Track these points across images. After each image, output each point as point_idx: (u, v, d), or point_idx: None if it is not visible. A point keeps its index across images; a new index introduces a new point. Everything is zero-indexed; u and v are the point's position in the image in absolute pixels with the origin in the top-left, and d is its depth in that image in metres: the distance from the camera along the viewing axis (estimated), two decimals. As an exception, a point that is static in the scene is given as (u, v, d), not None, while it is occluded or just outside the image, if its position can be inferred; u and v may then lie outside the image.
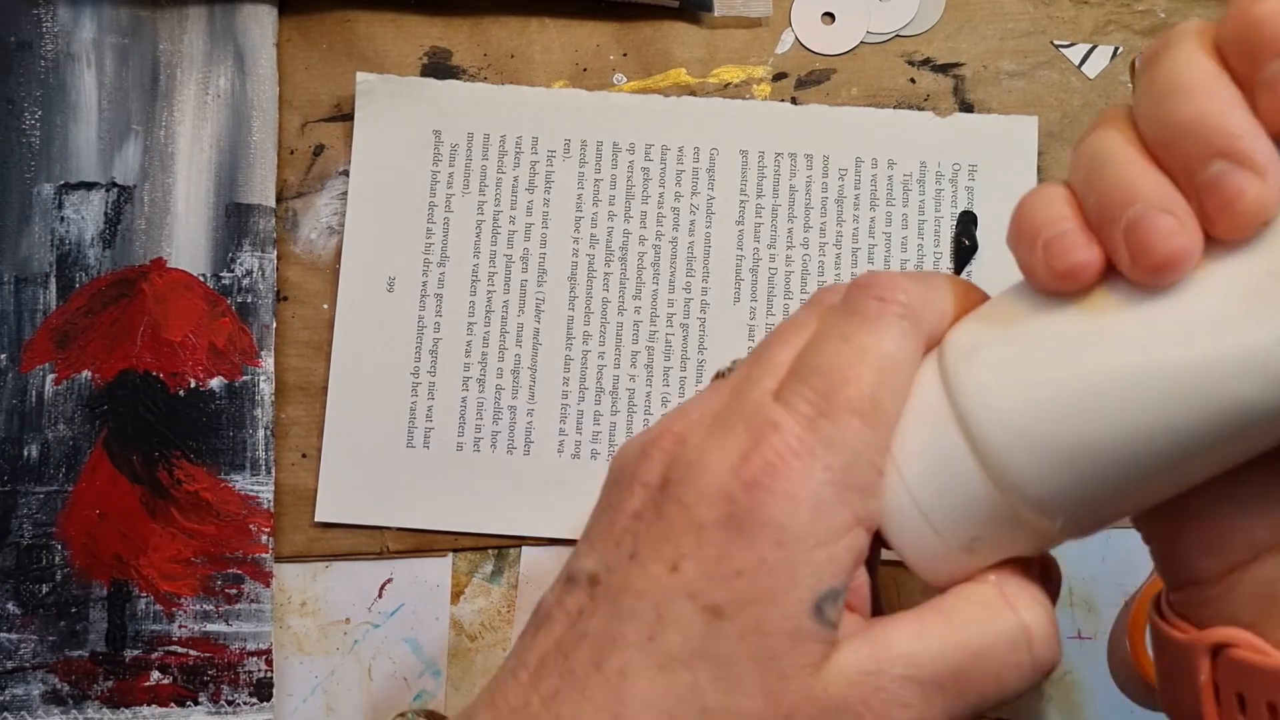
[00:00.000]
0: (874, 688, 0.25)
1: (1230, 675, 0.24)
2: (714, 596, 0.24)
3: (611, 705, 0.25)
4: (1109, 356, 0.24)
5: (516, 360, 0.42)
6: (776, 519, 0.24)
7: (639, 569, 0.25)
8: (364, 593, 0.41)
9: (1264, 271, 0.23)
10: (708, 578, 0.25)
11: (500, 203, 0.43)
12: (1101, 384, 0.23)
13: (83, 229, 0.42)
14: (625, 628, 0.25)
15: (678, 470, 0.26)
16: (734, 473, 0.25)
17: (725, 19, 0.44)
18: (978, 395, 0.25)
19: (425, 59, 0.44)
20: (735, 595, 0.24)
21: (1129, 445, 0.24)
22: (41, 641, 0.40)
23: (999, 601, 0.26)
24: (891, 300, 0.26)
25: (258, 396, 0.41)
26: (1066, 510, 0.25)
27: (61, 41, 0.43)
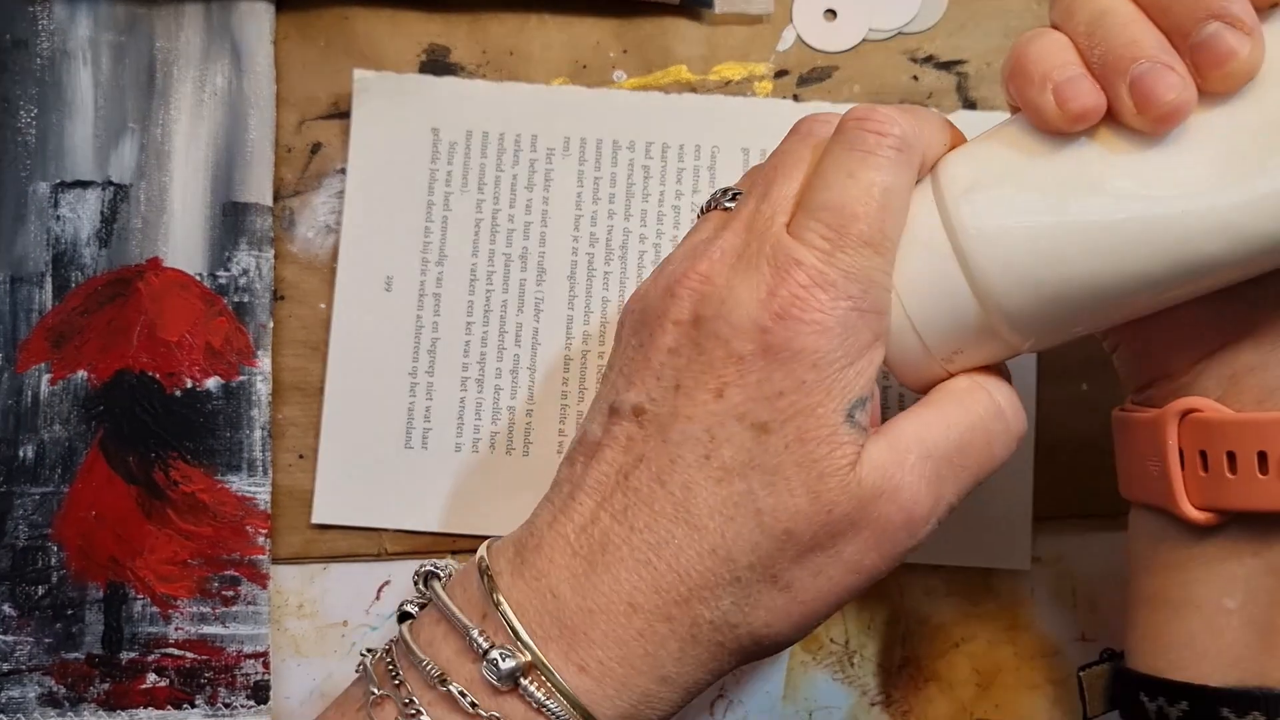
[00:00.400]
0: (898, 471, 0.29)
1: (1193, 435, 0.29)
2: (760, 415, 0.28)
3: (680, 514, 0.29)
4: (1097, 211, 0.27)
5: (516, 360, 0.42)
6: (810, 345, 0.28)
7: (685, 398, 0.29)
8: (362, 595, 0.41)
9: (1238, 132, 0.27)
10: (752, 400, 0.28)
11: (499, 201, 0.43)
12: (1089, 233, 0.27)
13: (78, 228, 0.42)
14: (682, 449, 0.29)
15: (709, 307, 0.29)
16: (764, 306, 0.28)
17: (726, 15, 0.44)
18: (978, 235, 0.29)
19: (423, 56, 0.43)
20: (779, 413, 0.28)
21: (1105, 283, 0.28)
22: (37, 644, 0.40)
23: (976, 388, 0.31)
24: (887, 134, 0.29)
25: (254, 397, 0.41)
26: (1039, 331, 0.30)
27: (57, 39, 0.43)
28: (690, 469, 0.29)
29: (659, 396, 0.29)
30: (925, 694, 0.41)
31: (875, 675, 0.41)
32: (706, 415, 0.29)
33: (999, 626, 0.41)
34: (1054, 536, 0.41)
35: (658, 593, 0.29)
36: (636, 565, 0.29)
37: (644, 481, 0.29)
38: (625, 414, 0.30)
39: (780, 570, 0.29)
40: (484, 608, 0.30)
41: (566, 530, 0.30)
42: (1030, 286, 0.29)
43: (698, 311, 0.29)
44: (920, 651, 0.41)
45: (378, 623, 0.41)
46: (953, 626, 0.41)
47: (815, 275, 0.28)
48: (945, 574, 0.41)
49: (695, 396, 0.29)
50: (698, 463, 0.29)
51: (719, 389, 0.29)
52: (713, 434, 0.29)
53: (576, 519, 0.30)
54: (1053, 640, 0.41)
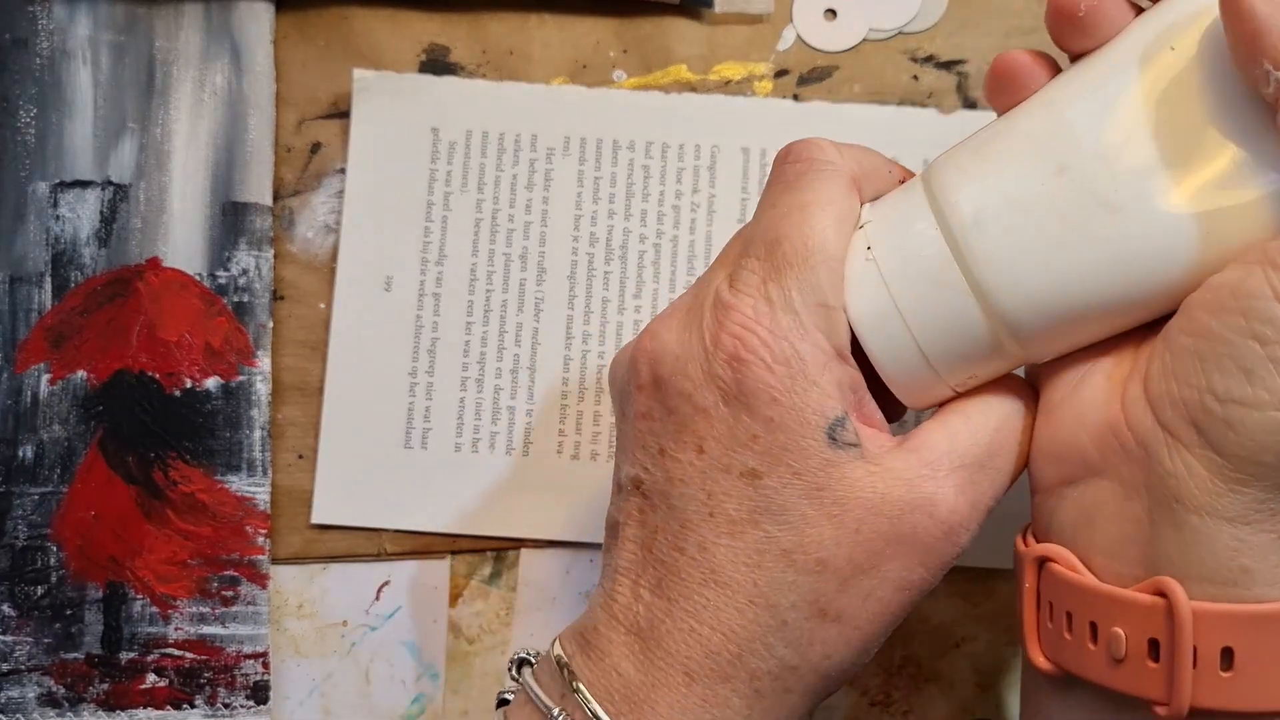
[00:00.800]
0: (930, 483, 0.29)
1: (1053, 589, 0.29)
2: (746, 463, 0.28)
3: (706, 576, 0.28)
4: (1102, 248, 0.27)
5: (515, 360, 0.42)
6: (763, 381, 0.28)
7: (671, 461, 0.29)
8: (361, 595, 0.41)
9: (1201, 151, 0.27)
10: (731, 451, 0.28)
11: (499, 201, 0.43)
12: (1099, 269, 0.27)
13: (78, 228, 0.42)
14: (686, 513, 0.29)
15: (664, 367, 0.29)
16: (712, 355, 0.28)
17: (726, 15, 0.44)
18: (994, 268, 0.28)
19: (423, 56, 0.43)
20: (761, 457, 0.28)
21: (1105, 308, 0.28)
22: (37, 644, 0.40)
23: (994, 394, 0.30)
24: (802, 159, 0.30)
25: (254, 397, 0.41)
26: (1053, 349, 0.30)
27: (57, 39, 0.43)
28: (700, 529, 0.29)
29: (649, 465, 0.30)
30: (925, 694, 0.41)
31: (875, 675, 0.41)
32: (696, 474, 0.29)
33: (999, 627, 0.41)
34: (1054, 537, 0.41)
35: (709, 657, 0.29)
36: (683, 635, 0.29)
37: (665, 552, 0.29)
38: (628, 489, 0.30)
39: (827, 603, 0.28)
40: (563, 689, 0.30)
41: (615, 611, 0.30)
42: (1048, 309, 0.28)
43: (656, 373, 0.29)
44: (920, 651, 0.41)
45: (377, 623, 0.41)
46: (953, 626, 0.41)
47: (752, 310, 0.28)
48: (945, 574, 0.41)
49: (679, 457, 0.29)
50: (705, 521, 0.29)
51: (698, 446, 0.29)
52: (709, 491, 0.29)
53: (620, 599, 0.30)
54: (1053, 641, 0.41)
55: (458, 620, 0.41)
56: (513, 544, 0.41)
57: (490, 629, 0.41)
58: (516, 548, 0.41)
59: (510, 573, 0.41)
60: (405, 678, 0.41)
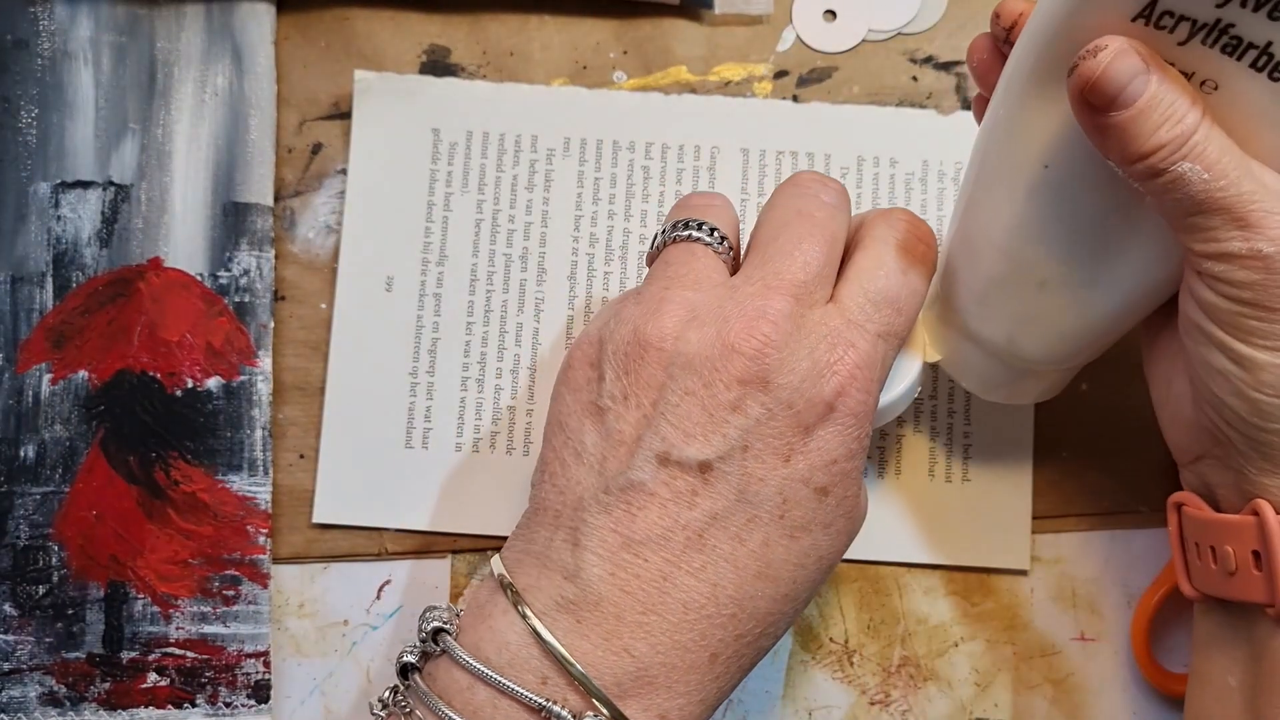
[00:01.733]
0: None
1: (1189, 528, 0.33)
2: (820, 480, 0.31)
3: (762, 569, 0.31)
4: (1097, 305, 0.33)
5: (516, 360, 0.42)
6: (858, 415, 0.31)
7: (755, 461, 0.31)
8: (362, 594, 0.41)
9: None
10: (815, 468, 0.31)
11: (499, 201, 0.43)
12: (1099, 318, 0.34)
13: (79, 228, 0.42)
14: (759, 510, 0.31)
15: (780, 375, 0.31)
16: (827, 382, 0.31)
17: (726, 16, 0.44)
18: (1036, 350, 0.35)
19: (424, 57, 0.44)
20: (834, 477, 0.31)
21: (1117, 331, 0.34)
22: (38, 643, 0.40)
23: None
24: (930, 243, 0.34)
25: (255, 397, 0.41)
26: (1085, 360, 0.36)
27: (58, 39, 0.43)
28: (767, 527, 0.31)
29: (726, 454, 0.30)
30: (925, 693, 0.41)
31: (875, 675, 0.41)
32: (778, 479, 0.31)
33: (998, 626, 0.41)
34: (1054, 536, 0.41)
35: (738, 639, 0.31)
36: (723, 620, 0.30)
37: (722, 540, 0.30)
38: (687, 467, 0.30)
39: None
40: (541, 671, 0.30)
41: (632, 588, 0.30)
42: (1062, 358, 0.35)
43: (766, 376, 0.31)
44: (920, 651, 0.41)
45: (378, 622, 0.41)
46: (952, 626, 0.41)
47: (866, 358, 0.31)
48: (945, 574, 0.41)
49: (766, 460, 0.31)
50: (773, 522, 0.31)
51: (787, 455, 0.31)
52: (784, 496, 0.31)
53: (644, 574, 0.30)
54: (1052, 640, 0.41)
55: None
56: (513, 543, 0.41)
57: (491, 628, 0.41)
58: (517, 547, 0.41)
59: (511, 572, 0.41)
60: (406, 677, 0.41)
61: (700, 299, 0.32)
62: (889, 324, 0.33)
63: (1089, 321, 0.34)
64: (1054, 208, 0.31)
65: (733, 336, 0.31)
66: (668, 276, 0.33)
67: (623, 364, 0.32)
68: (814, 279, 0.32)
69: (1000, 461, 0.41)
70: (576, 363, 0.33)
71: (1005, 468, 0.41)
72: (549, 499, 0.32)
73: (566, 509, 0.31)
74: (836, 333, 0.32)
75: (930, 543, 0.41)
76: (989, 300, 0.34)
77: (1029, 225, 0.32)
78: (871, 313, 0.32)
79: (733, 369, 0.30)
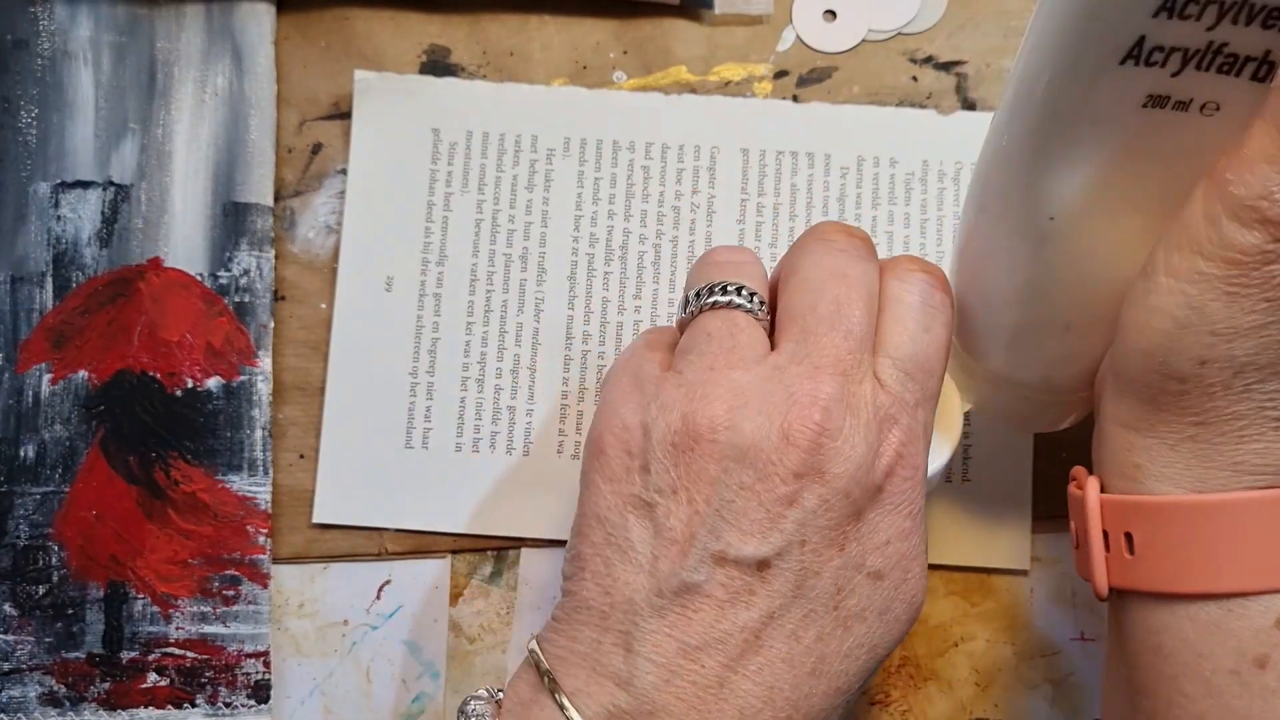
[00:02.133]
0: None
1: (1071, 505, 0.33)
2: (875, 564, 0.30)
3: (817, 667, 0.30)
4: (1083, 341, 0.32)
5: (516, 360, 0.42)
6: (910, 496, 0.31)
7: (813, 554, 0.30)
8: (362, 594, 0.41)
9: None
10: (868, 551, 0.30)
11: (499, 201, 0.43)
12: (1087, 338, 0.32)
13: (79, 228, 0.42)
14: (814, 604, 0.30)
15: (836, 464, 0.30)
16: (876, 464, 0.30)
17: (726, 16, 0.44)
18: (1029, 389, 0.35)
19: (424, 57, 0.44)
20: (888, 559, 0.31)
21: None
22: (38, 643, 0.40)
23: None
24: (948, 292, 0.33)
25: (255, 397, 0.41)
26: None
27: (58, 39, 0.43)
28: (821, 621, 0.30)
29: (784, 549, 0.29)
30: (925, 693, 0.41)
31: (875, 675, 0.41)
32: (833, 570, 0.30)
33: (998, 626, 0.41)
34: (1054, 536, 0.41)
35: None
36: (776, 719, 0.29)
37: (779, 639, 0.29)
38: (746, 566, 0.29)
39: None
40: None
41: (689, 695, 0.29)
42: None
43: (823, 468, 0.30)
44: (920, 651, 0.41)
45: (378, 622, 0.41)
46: (952, 626, 0.41)
47: (909, 432, 0.31)
48: (945, 574, 0.41)
49: (823, 553, 0.30)
50: (827, 613, 0.30)
51: (842, 544, 0.30)
52: (839, 586, 0.30)
53: (701, 680, 0.29)
54: (1052, 640, 0.41)
55: (458, 619, 0.41)
56: (513, 543, 0.41)
57: (491, 628, 0.41)
58: (517, 547, 0.41)
59: (511, 572, 0.41)
60: (406, 677, 0.41)
61: (748, 381, 0.30)
62: (924, 389, 0.32)
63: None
64: (1065, 256, 0.30)
65: (787, 427, 0.30)
66: (712, 353, 0.31)
67: (671, 455, 0.30)
68: (858, 347, 0.31)
69: (1000, 461, 0.41)
70: (611, 450, 0.31)
71: (1005, 468, 0.41)
72: (591, 597, 0.30)
73: (615, 610, 0.30)
74: (882, 410, 0.31)
75: (930, 543, 0.41)
76: (1017, 346, 0.33)
77: (1043, 275, 0.31)
78: (907, 383, 0.31)
79: (789, 462, 0.29)
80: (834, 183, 0.43)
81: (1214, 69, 0.26)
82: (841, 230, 0.33)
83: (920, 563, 0.31)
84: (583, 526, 0.31)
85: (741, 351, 0.31)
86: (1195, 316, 0.27)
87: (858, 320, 0.31)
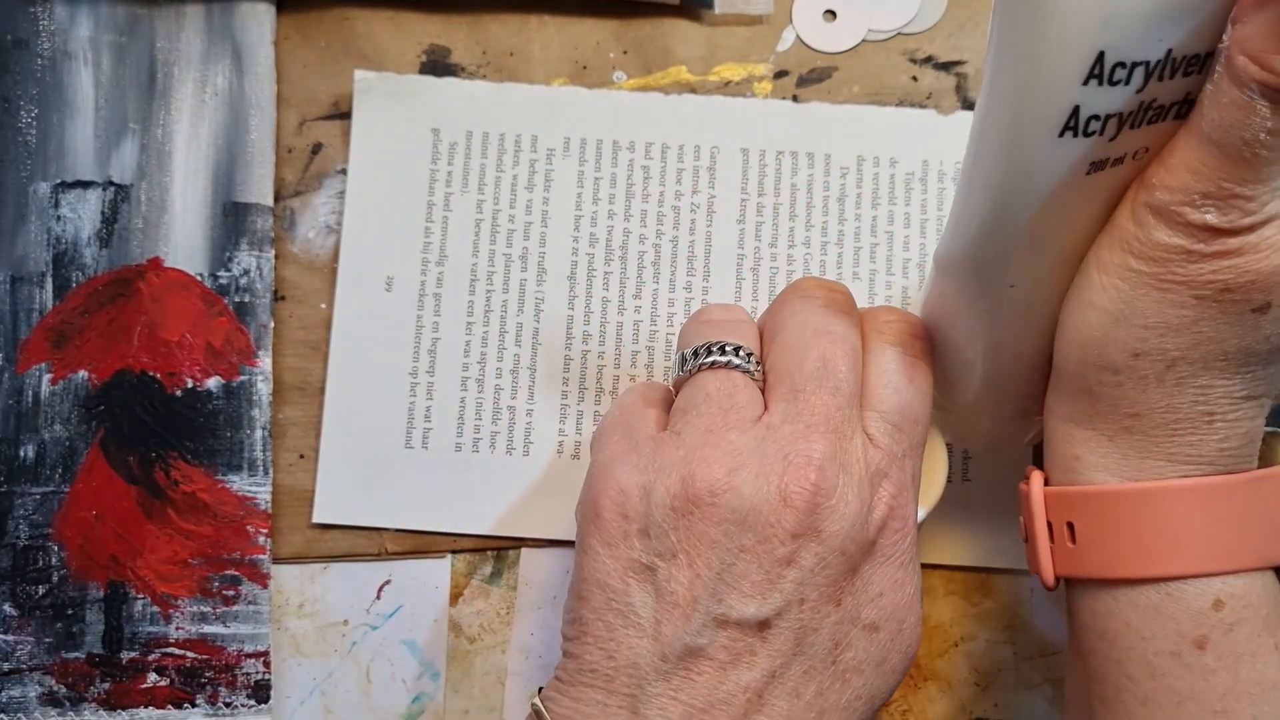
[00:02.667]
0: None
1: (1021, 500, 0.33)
2: (870, 617, 0.31)
3: (814, 718, 0.30)
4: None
5: (516, 360, 0.42)
6: (901, 548, 0.32)
7: (811, 611, 0.30)
8: (362, 594, 0.41)
9: None
10: (863, 605, 0.31)
11: (499, 201, 0.43)
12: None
13: (79, 228, 0.42)
14: (814, 660, 0.30)
15: (832, 522, 0.30)
16: (868, 520, 0.31)
17: (726, 16, 0.44)
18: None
19: (424, 57, 0.44)
20: (882, 611, 0.31)
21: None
22: (38, 643, 0.40)
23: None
24: (926, 339, 0.34)
25: (255, 397, 0.41)
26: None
27: (58, 39, 0.43)
28: (820, 676, 0.30)
29: (783, 609, 0.30)
30: (925, 693, 0.41)
31: None
32: (830, 624, 0.30)
33: (998, 626, 0.41)
34: (1053, 536, 0.41)
35: None
36: None
37: (780, 697, 0.30)
38: (747, 628, 0.30)
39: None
40: None
41: None
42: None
43: (819, 527, 0.30)
44: (920, 651, 0.41)
45: (378, 622, 0.41)
46: (952, 626, 0.41)
47: (900, 484, 0.32)
48: (945, 574, 0.41)
49: (821, 609, 0.30)
50: (826, 669, 0.30)
51: (838, 599, 0.31)
52: (836, 641, 0.31)
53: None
54: (1052, 640, 0.41)
55: (458, 619, 0.41)
56: (513, 543, 0.41)
57: (491, 628, 0.41)
58: (517, 547, 0.41)
59: (511, 572, 0.41)
60: (406, 677, 0.41)
61: (744, 442, 0.31)
62: (911, 439, 0.32)
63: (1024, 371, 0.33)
64: (1029, 314, 0.31)
65: (784, 488, 0.30)
66: (710, 414, 0.32)
67: (671, 519, 0.30)
68: (846, 403, 0.32)
69: (1000, 461, 0.41)
70: (608, 513, 0.31)
71: (1005, 468, 0.41)
72: (595, 661, 0.30)
73: (619, 674, 0.30)
74: (873, 466, 0.31)
75: (930, 543, 0.41)
76: (990, 388, 0.34)
77: (1010, 330, 0.32)
78: (896, 435, 0.32)
79: (786, 523, 0.30)
80: (834, 183, 0.43)
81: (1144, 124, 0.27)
82: (823, 286, 0.34)
83: (914, 612, 0.32)
84: (582, 590, 0.31)
85: (740, 412, 0.32)
86: (1128, 310, 0.28)
87: (844, 376, 0.32)
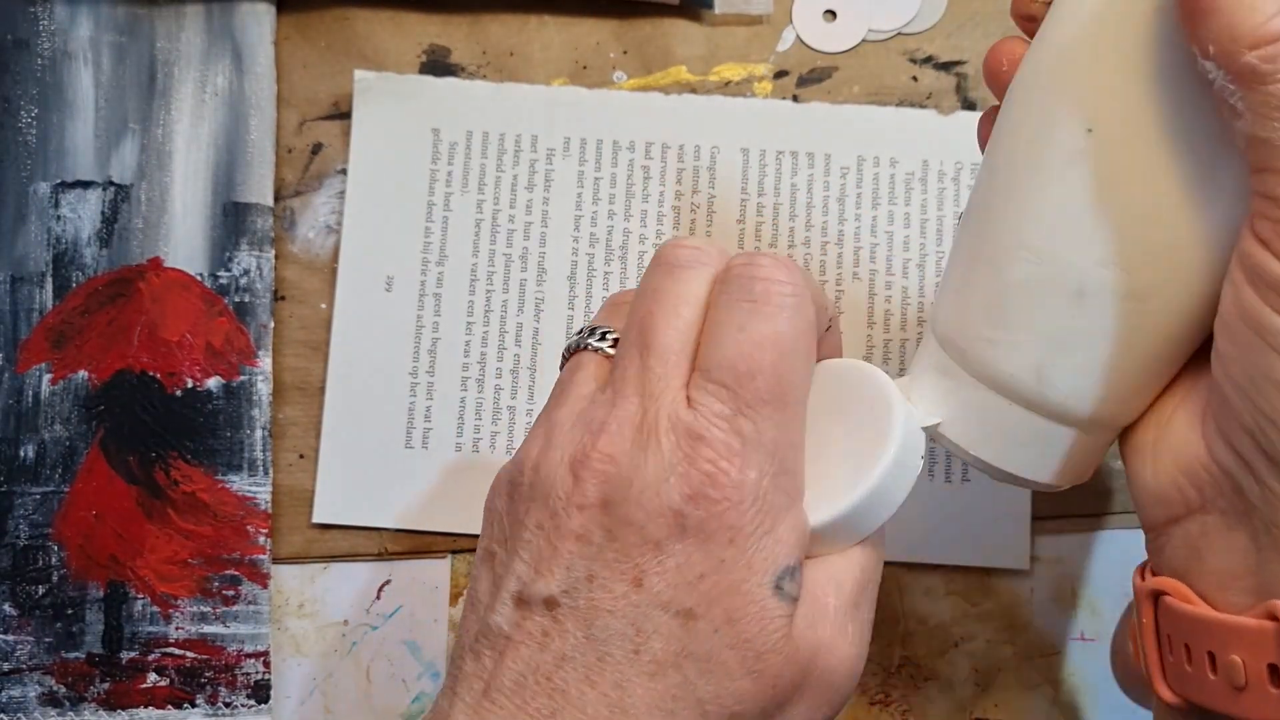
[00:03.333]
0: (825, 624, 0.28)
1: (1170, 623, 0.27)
2: (684, 602, 0.27)
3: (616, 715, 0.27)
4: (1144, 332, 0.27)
5: (516, 360, 0.42)
6: (725, 522, 0.27)
7: (602, 590, 0.27)
8: (362, 594, 0.41)
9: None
10: (674, 587, 0.27)
11: (499, 201, 0.43)
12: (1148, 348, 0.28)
13: (79, 228, 0.42)
14: (609, 645, 0.27)
15: (618, 490, 0.27)
16: (674, 488, 0.27)
17: (726, 16, 0.44)
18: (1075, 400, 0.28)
19: (424, 57, 0.44)
20: (702, 597, 0.27)
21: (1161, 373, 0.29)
22: (38, 643, 0.40)
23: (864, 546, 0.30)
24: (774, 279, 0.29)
25: (255, 396, 0.41)
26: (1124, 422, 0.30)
27: (58, 39, 0.43)
28: (621, 666, 0.27)
29: (571, 588, 0.27)
30: (925, 693, 0.41)
31: (874, 675, 0.41)
32: (628, 607, 0.27)
33: (998, 626, 0.41)
34: (1054, 536, 0.41)
35: None
36: None
37: (571, 683, 0.27)
38: (536, 606, 0.28)
39: None
40: None
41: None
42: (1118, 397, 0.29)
43: (606, 495, 0.27)
44: (920, 651, 0.41)
45: (378, 622, 0.41)
46: (952, 626, 0.41)
47: (720, 448, 0.27)
48: (945, 574, 0.41)
49: (612, 588, 0.27)
50: (627, 658, 0.27)
51: (637, 578, 0.27)
52: (638, 626, 0.27)
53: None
54: (1052, 640, 0.41)
55: (458, 619, 0.41)
56: (513, 543, 0.41)
57: (491, 628, 0.41)
58: (517, 547, 0.41)
59: (511, 572, 0.41)
60: (406, 677, 0.41)
61: (561, 418, 0.29)
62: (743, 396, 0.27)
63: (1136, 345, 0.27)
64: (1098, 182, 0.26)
65: (573, 459, 0.28)
66: (553, 398, 0.31)
67: (504, 504, 0.30)
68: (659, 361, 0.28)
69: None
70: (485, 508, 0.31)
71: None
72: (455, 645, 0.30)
73: (455, 655, 0.30)
74: (681, 427, 0.27)
75: (930, 543, 0.41)
76: (1011, 321, 0.28)
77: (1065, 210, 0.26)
78: (720, 392, 0.28)
79: (575, 495, 0.28)
80: (834, 183, 0.43)
81: None
82: (674, 244, 0.31)
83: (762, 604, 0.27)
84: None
85: (574, 389, 0.30)
86: None
87: (662, 335, 0.29)
